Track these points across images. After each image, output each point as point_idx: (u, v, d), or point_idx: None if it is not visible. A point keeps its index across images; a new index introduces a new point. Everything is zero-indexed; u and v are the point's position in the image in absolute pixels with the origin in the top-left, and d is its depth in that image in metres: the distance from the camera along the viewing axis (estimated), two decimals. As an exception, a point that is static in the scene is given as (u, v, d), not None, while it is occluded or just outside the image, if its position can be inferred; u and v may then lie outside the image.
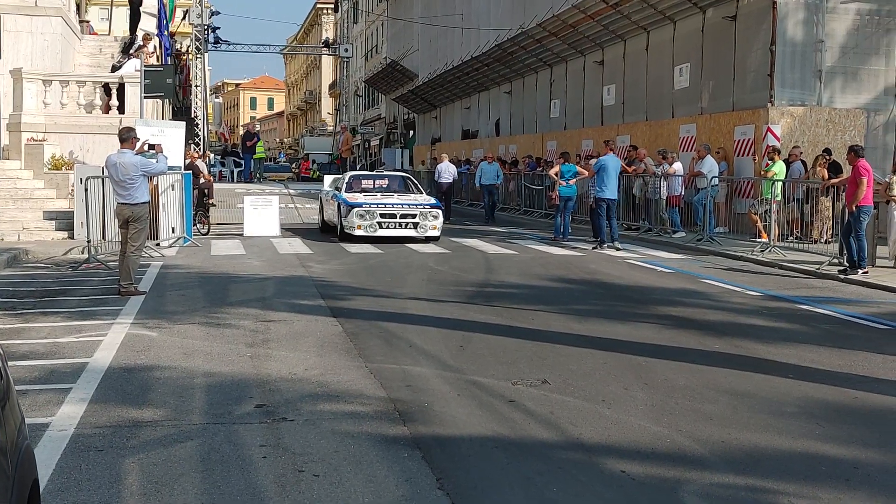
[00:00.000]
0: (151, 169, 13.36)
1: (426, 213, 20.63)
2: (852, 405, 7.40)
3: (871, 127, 22.76)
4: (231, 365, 8.50)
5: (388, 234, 20.31)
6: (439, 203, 21.89)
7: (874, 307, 12.44)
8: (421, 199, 21.56)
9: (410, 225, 20.47)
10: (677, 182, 22.39)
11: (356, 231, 20.13)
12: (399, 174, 25.75)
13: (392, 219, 20.40)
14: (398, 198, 21.38)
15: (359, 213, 20.20)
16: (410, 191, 22.56)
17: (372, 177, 24.23)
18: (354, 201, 20.63)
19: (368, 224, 20.14)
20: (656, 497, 5.29)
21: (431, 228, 20.59)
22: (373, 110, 79.88)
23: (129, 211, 12.90)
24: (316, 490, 5.34)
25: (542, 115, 37.18)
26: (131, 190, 12.81)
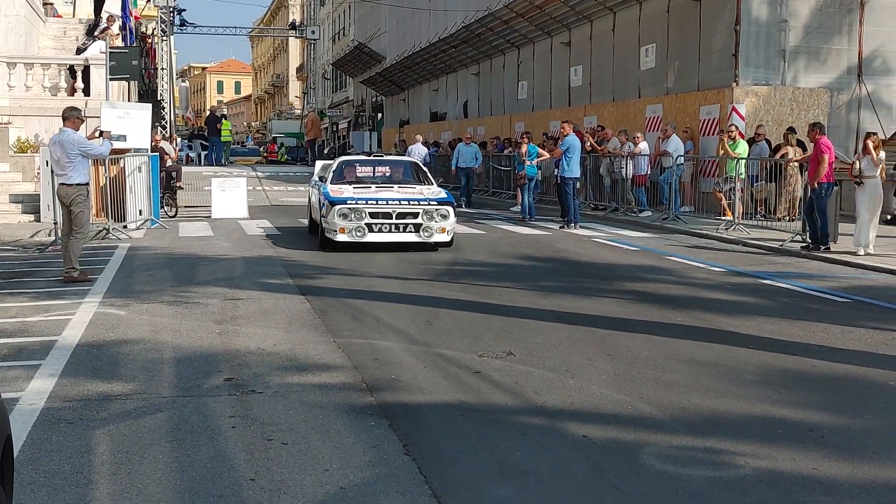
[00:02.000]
0: (89, 149, 12.76)
1: (432, 212, 15.29)
2: (810, 373, 7.57)
3: (835, 106, 23.01)
4: (200, 341, 8.57)
5: (381, 239, 15.21)
6: (451, 197, 16.25)
7: (835, 282, 12.65)
8: (427, 191, 16.31)
9: (411, 228, 15.26)
10: (643, 161, 22.55)
11: (338, 236, 15.03)
12: (405, 160, 20.11)
13: (386, 219, 15.21)
14: (398, 191, 16.26)
15: (341, 211, 14.97)
16: (418, 181, 17.42)
17: (369, 163, 18.52)
18: (338, 196, 15.37)
19: (354, 227, 15.03)
20: (618, 460, 5.43)
21: (439, 231, 15.30)
22: (341, 93, 79.64)
23: (64, 192, 12.47)
24: (284, 457, 5.44)
25: (509, 97, 37.26)
26: (68, 170, 12.41)
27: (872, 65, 23.43)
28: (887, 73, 23.53)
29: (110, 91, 22.07)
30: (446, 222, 15.38)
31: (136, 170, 19.44)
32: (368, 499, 4.83)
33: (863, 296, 11.41)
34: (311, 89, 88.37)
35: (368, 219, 15.10)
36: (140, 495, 4.85)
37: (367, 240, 15.11)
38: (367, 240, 15.11)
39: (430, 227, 15.28)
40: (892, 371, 7.60)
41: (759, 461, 5.39)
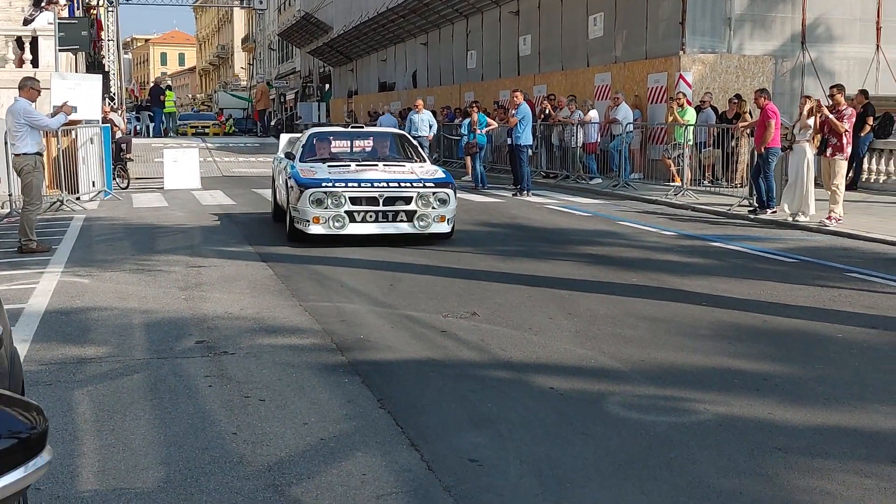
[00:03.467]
0: (36, 119, 12.57)
1: (428, 196, 12.40)
2: (762, 327, 7.89)
3: (779, 73, 23.45)
4: (167, 306, 8.69)
5: (365, 231, 12.33)
6: (450, 176, 13.23)
7: (781, 243, 13.01)
8: (420, 170, 13.28)
9: (402, 216, 12.37)
10: (593, 129, 22.83)
11: (311, 228, 12.18)
12: (390, 131, 16.90)
13: (371, 205, 12.30)
14: (385, 170, 13.17)
15: (314, 196, 12.12)
16: (407, 157, 14.45)
17: (346, 135, 15.25)
18: (310, 177, 12.50)
19: (332, 216, 12.14)
20: (583, 408, 5.68)
21: (437, 220, 12.43)
22: (287, 64, 79.11)
23: (15, 161, 12.54)
24: (263, 412, 5.62)
25: (458, 67, 37.37)
26: (17, 140, 12.44)
27: (815, 32, 23.89)
28: (830, 41, 24.00)
29: (59, 62, 21.87)
30: (446, 208, 12.42)
31: (87, 141, 19.34)
32: (349, 449, 5.03)
33: (808, 256, 11.77)
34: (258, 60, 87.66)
35: (349, 205, 12.13)
36: (126, 449, 5.01)
37: (347, 231, 12.18)
38: (347, 231, 12.18)
39: (427, 214, 12.29)
40: (838, 325, 7.93)
41: (717, 408, 5.67)
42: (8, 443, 1.19)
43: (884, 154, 19.69)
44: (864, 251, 12.24)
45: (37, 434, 1.24)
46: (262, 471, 4.72)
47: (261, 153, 32.20)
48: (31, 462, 1.22)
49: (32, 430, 1.23)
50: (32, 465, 1.22)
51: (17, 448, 1.20)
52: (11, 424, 1.22)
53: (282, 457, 4.90)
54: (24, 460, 1.21)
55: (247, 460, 4.86)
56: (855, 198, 17.86)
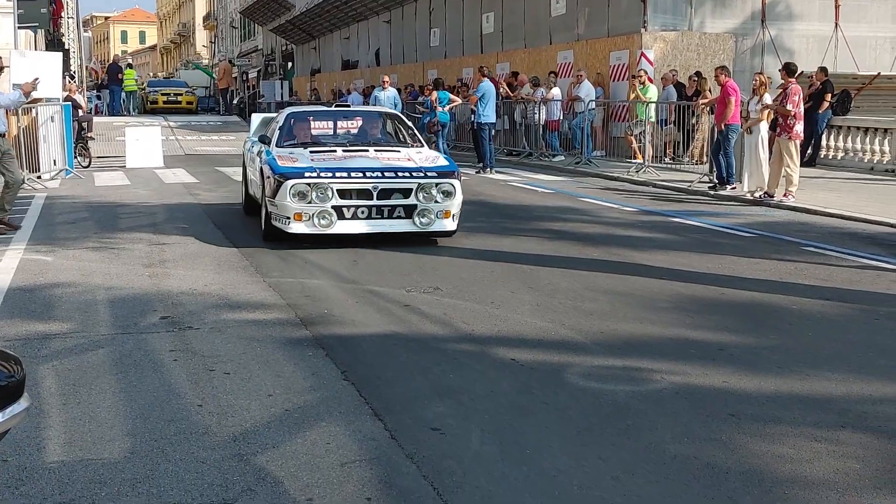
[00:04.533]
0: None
1: (430, 188, 10.56)
2: (719, 300, 8.05)
3: (739, 51, 23.64)
4: (131, 283, 8.72)
5: (356, 230, 10.50)
6: (453, 164, 11.36)
7: (741, 218, 13.20)
8: (418, 156, 11.43)
9: (400, 211, 10.53)
10: (556, 107, 22.94)
11: (292, 226, 10.35)
12: (380, 110, 15.34)
13: (364, 199, 10.47)
14: (377, 157, 11.30)
15: (296, 188, 10.28)
16: (400, 141, 12.55)
17: (329, 115, 13.38)
18: (290, 165, 10.65)
19: (317, 212, 10.30)
20: (543, 378, 5.80)
21: (442, 216, 10.61)
22: (249, 42, 78.55)
23: None
24: (228, 385, 5.69)
25: (422, 45, 37.32)
26: None
27: (775, 10, 24.11)
28: (790, 19, 24.23)
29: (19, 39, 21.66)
30: (451, 202, 10.58)
31: (48, 119, 19.21)
32: (313, 420, 5.11)
33: (767, 231, 11.96)
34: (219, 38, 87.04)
35: (337, 199, 10.32)
36: (93, 421, 5.07)
37: (335, 231, 10.33)
38: (335, 231, 10.33)
39: (429, 209, 10.49)
40: (794, 297, 8.10)
41: (674, 377, 5.81)
42: (-18, 390, 1.27)
43: (842, 131, 19.95)
44: (821, 226, 12.44)
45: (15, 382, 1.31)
46: (228, 441, 4.79)
47: (223, 132, 32.07)
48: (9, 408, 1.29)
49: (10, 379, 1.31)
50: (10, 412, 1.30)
51: (-7, 396, 1.28)
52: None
53: (247, 427, 4.98)
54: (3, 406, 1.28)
55: (212, 431, 4.93)
56: (813, 174, 18.12)
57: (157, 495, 4.15)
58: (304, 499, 4.11)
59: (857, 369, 6.00)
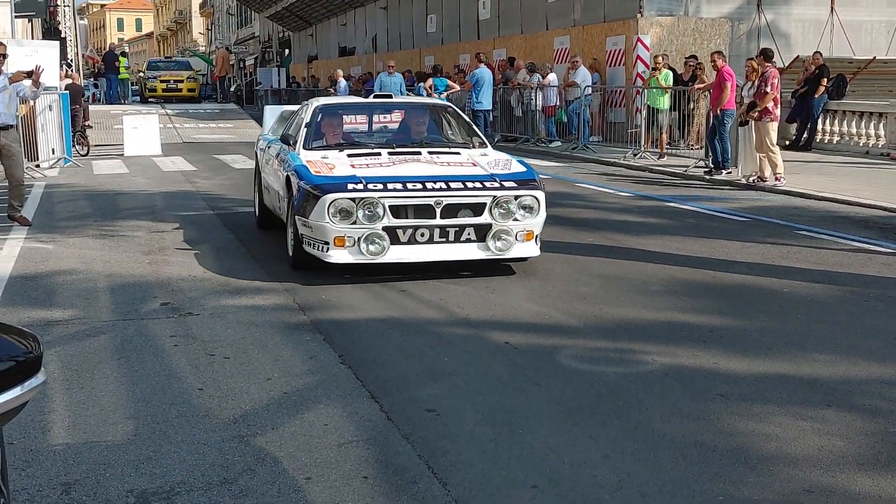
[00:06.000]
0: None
1: (508, 202, 8.25)
2: (711, 283, 8.17)
3: (735, 35, 23.69)
4: (131, 270, 8.83)
5: (415, 257, 8.19)
6: (532, 171, 8.92)
7: (735, 203, 13.30)
8: (484, 159, 9.10)
9: (470, 232, 8.22)
10: (552, 93, 23.00)
11: (333, 254, 8.07)
12: (429, 101, 13.40)
13: (424, 218, 8.14)
14: (431, 160, 8.95)
15: (338, 205, 8.02)
16: (456, 140, 10.03)
17: (366, 108, 11.06)
18: (327, 175, 8.37)
19: (365, 234, 8.03)
20: (536, 361, 5.92)
21: (522, 238, 8.33)
22: (246, 29, 78.48)
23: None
24: (228, 369, 5.81)
25: (418, 31, 37.35)
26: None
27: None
28: (786, 3, 24.27)
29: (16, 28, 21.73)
30: (534, 219, 8.33)
31: (46, 108, 19.29)
32: (311, 402, 5.23)
33: (761, 215, 12.07)
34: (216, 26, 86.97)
35: (390, 218, 8.01)
36: (96, 405, 5.18)
37: (387, 259, 8.07)
38: (387, 259, 8.07)
39: (507, 230, 8.19)
40: (785, 280, 8.22)
41: (664, 358, 5.93)
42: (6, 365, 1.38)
43: (837, 115, 20.02)
44: (814, 210, 12.55)
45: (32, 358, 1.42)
46: (228, 423, 4.91)
47: (221, 119, 32.15)
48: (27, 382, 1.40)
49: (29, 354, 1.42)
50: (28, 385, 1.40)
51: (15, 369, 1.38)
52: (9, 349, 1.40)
53: (247, 410, 5.10)
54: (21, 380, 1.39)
55: (213, 414, 5.05)
56: (809, 158, 18.23)
57: (161, 476, 4.27)
58: (302, 478, 4.23)
59: (845, 350, 6.12)
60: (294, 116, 10.67)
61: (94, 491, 4.13)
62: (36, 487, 4.16)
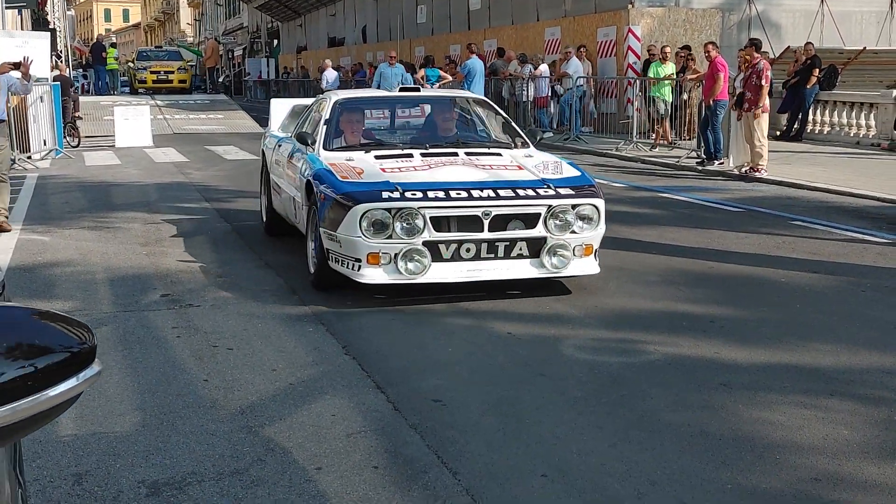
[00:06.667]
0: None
1: (565, 211, 7.29)
2: (708, 273, 8.21)
3: (726, 26, 23.75)
4: (129, 262, 8.83)
5: (462, 276, 7.14)
6: (587, 175, 7.96)
7: (729, 193, 13.36)
8: (530, 161, 8.12)
9: (522, 247, 7.23)
10: (544, 84, 23.03)
11: (365, 272, 7.05)
12: (453, 94, 11.47)
13: (471, 230, 7.12)
14: (469, 161, 7.94)
15: (372, 216, 6.99)
16: (495, 139, 9.01)
17: (388, 102, 10.12)
18: (356, 181, 7.35)
19: (403, 249, 7.00)
20: (538, 351, 5.95)
21: (580, 252, 7.39)
22: (235, 19, 78.27)
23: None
24: (232, 360, 5.83)
25: (409, 21, 37.31)
26: None
27: (762, -15, 24.24)
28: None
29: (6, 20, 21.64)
30: (593, 231, 7.47)
31: (37, 99, 19.23)
32: (317, 392, 5.26)
33: (755, 205, 12.13)
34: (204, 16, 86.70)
35: (431, 231, 7.03)
36: (102, 397, 5.19)
37: (429, 278, 7.06)
38: (429, 278, 7.06)
39: (564, 244, 7.25)
40: (783, 270, 8.27)
41: (666, 348, 5.97)
42: (61, 356, 1.40)
43: (828, 105, 20.11)
44: (807, 200, 12.61)
45: (86, 349, 1.44)
46: (236, 414, 4.93)
47: (211, 110, 32.08)
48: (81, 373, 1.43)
49: (83, 346, 1.44)
50: (83, 376, 1.42)
51: (70, 361, 1.40)
52: (63, 340, 1.43)
53: (253, 401, 5.12)
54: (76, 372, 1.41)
55: (219, 405, 5.07)
56: (800, 148, 18.33)
57: (171, 466, 4.29)
58: (313, 468, 4.25)
59: (845, 340, 6.17)
60: (308, 112, 9.67)
61: (105, 481, 4.15)
62: (48, 478, 4.17)
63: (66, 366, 1.39)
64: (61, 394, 1.38)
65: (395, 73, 22.46)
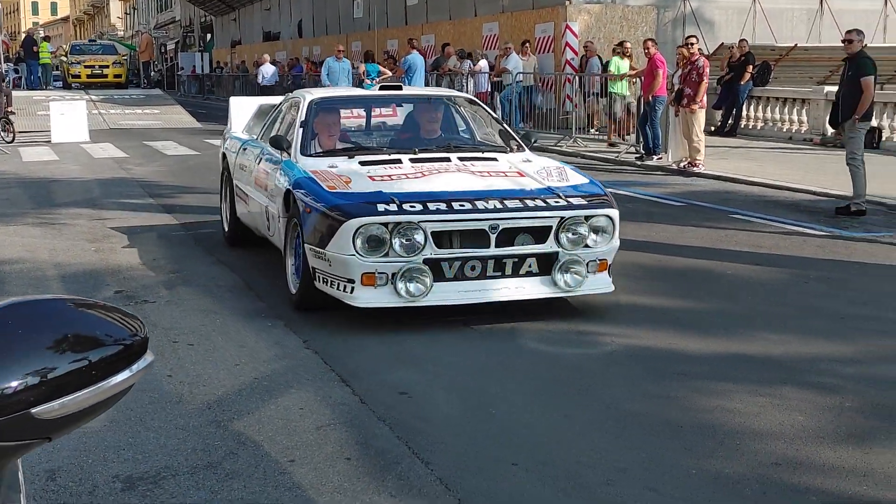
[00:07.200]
0: None
1: (578, 223, 6.56)
2: (657, 266, 8.40)
3: (661, 23, 24.09)
4: (78, 258, 8.76)
5: (467, 297, 6.40)
6: (596, 183, 7.29)
7: (669, 188, 13.59)
8: (528, 165, 7.45)
9: (531, 264, 6.49)
10: (484, 79, 23.15)
11: (360, 294, 6.29)
12: (439, 93, 11.56)
13: (475, 246, 6.41)
14: (463, 167, 7.19)
15: (366, 231, 6.22)
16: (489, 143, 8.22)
17: (368, 101, 9.28)
18: (345, 192, 6.58)
19: (402, 268, 6.22)
20: (499, 343, 6.06)
21: (594, 268, 6.66)
22: (166, 13, 77.35)
23: None
24: (194, 356, 5.84)
25: (345, 16, 37.20)
26: None
27: (696, -18, 24.63)
28: (711, -9, 24.78)
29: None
30: (607, 245, 6.72)
31: (-30, 94, 18.90)
32: (282, 387, 5.30)
33: (695, 199, 12.36)
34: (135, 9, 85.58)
35: (433, 248, 6.31)
36: (66, 394, 5.17)
37: (431, 300, 6.34)
38: (431, 300, 6.34)
39: (578, 260, 6.53)
40: (728, 262, 8.47)
41: (624, 340, 6.11)
42: (115, 348, 1.45)
43: (761, 101, 20.51)
44: (745, 194, 12.88)
45: (139, 340, 1.48)
46: (203, 409, 4.96)
47: (147, 105, 31.78)
48: (134, 365, 1.47)
49: (135, 338, 1.48)
50: (136, 367, 1.47)
51: (123, 353, 1.45)
52: (116, 332, 1.47)
53: (219, 395, 5.15)
54: (129, 364, 1.46)
55: (186, 400, 5.09)
56: (735, 144, 18.65)
57: (143, 461, 4.31)
58: (286, 460, 4.30)
59: (793, 330, 6.37)
60: (276, 112, 8.87)
61: (80, 477, 4.16)
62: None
63: (119, 358, 1.44)
64: (114, 385, 1.43)
65: (343, 68, 22.20)
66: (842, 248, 9.19)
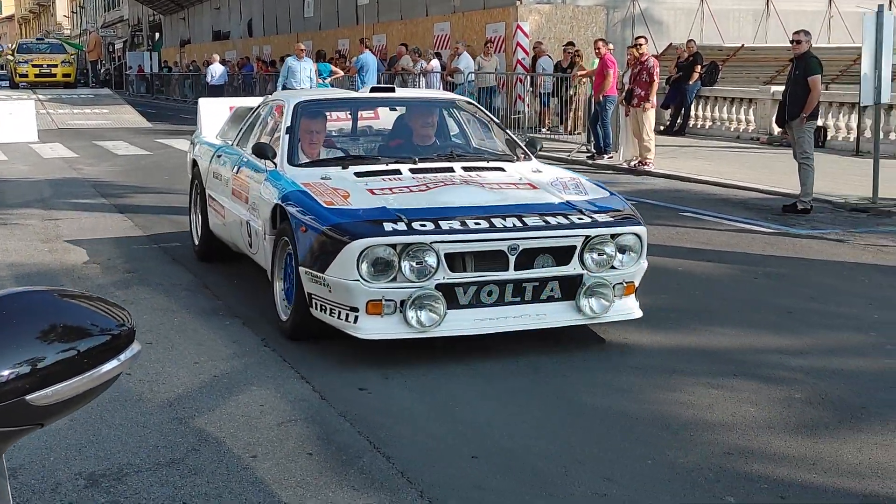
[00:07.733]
0: None
1: (604, 242, 5.91)
2: (610, 263, 8.50)
3: (611, 23, 24.31)
4: (31, 259, 8.71)
5: (484, 326, 5.70)
6: (617, 196, 6.73)
7: (620, 186, 13.67)
8: (539, 176, 6.81)
9: (553, 287, 5.83)
10: (436, 79, 23.21)
11: (364, 324, 5.55)
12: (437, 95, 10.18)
13: (493, 268, 5.70)
14: (471, 178, 6.52)
15: (373, 254, 5.49)
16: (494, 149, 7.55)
17: (357, 104, 8.31)
18: (343, 208, 5.82)
19: (413, 295, 5.48)
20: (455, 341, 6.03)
21: (621, 291, 6.02)
22: (114, 12, 76.55)
23: None
24: (153, 355, 5.84)
25: (295, 15, 37.14)
26: None
27: (645, -17, 24.89)
28: (659, -9, 25.05)
29: None
30: (634, 267, 6.13)
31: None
32: (243, 384, 5.34)
33: (646, 198, 12.50)
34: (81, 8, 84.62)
35: (446, 271, 5.62)
36: (25, 393, 5.18)
37: (444, 330, 5.64)
38: (444, 330, 5.64)
39: (604, 283, 5.89)
40: (679, 259, 8.63)
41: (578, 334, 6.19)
42: (104, 338, 1.50)
43: (709, 101, 20.80)
44: (695, 192, 13.08)
45: (126, 331, 1.54)
46: (164, 406, 4.98)
47: (96, 105, 31.54)
48: (122, 354, 1.53)
49: (122, 328, 1.54)
50: (124, 356, 1.53)
51: (112, 342, 1.51)
52: (104, 323, 1.53)
53: (180, 393, 5.18)
54: (117, 353, 1.52)
55: (146, 398, 5.11)
56: (683, 143, 18.91)
57: (106, 458, 4.33)
58: (248, 456, 4.35)
59: (743, 324, 6.52)
60: (255, 116, 8.04)
61: (42, 475, 4.17)
62: (-17, 473, 4.17)
63: (108, 347, 1.49)
64: (104, 374, 1.49)
65: (304, 67, 21.47)
66: (789, 245, 9.39)
